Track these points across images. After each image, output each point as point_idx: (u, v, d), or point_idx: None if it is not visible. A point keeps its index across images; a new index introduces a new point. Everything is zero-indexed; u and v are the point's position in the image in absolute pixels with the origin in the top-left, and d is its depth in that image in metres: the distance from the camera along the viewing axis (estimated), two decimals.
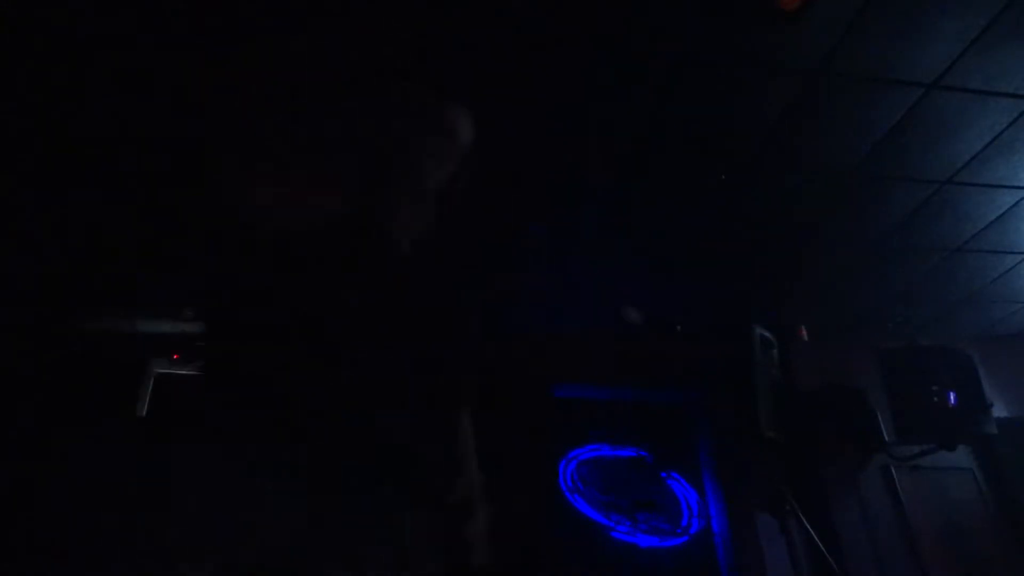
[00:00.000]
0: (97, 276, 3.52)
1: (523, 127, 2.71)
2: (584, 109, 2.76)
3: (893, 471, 4.30)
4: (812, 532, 3.26)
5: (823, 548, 3.22)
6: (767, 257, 3.94)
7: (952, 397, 3.91)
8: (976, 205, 3.51)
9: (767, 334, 3.71)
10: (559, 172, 3.04)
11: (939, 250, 3.88)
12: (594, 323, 4.35)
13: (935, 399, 3.91)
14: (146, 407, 4.04)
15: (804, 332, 4.57)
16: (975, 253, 3.91)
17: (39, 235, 3.32)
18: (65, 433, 3.49)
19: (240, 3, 2.07)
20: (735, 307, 4.36)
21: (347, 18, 1.72)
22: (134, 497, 3.26)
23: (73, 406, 3.62)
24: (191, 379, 3.88)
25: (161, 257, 2.85)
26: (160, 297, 3.15)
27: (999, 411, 4.28)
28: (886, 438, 4.18)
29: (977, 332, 4.81)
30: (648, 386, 4.52)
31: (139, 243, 2.87)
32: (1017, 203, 3.50)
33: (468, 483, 2.91)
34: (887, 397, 4.13)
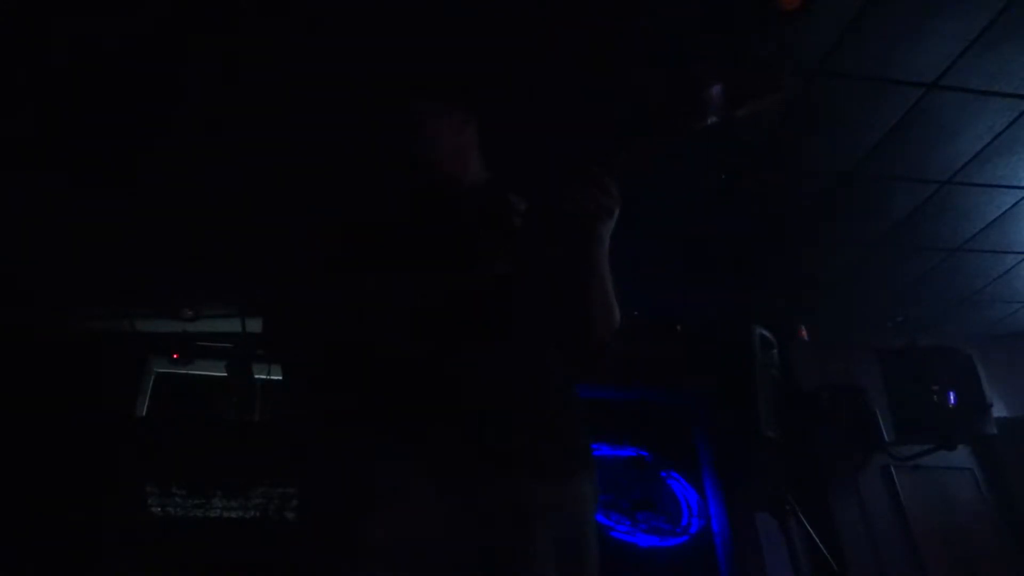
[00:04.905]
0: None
1: (518, 120, 2.72)
2: (582, 111, 2.76)
3: (893, 471, 4.30)
4: (812, 532, 3.26)
5: (823, 548, 3.22)
6: (767, 257, 3.94)
7: (952, 397, 3.91)
8: (976, 205, 3.50)
9: (767, 334, 3.71)
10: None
11: (939, 250, 3.88)
12: None
13: (935, 399, 3.91)
14: (146, 407, 4.05)
15: (804, 332, 4.57)
16: (975, 253, 3.90)
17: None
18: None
19: None
20: (735, 307, 4.35)
21: None
22: None
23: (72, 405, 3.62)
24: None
25: None
26: None
27: (999, 411, 4.27)
28: (886, 438, 4.18)
29: (977, 332, 4.80)
30: (648, 386, 4.52)
31: None
32: (1017, 203, 3.49)
33: None
34: (887, 397, 4.13)
